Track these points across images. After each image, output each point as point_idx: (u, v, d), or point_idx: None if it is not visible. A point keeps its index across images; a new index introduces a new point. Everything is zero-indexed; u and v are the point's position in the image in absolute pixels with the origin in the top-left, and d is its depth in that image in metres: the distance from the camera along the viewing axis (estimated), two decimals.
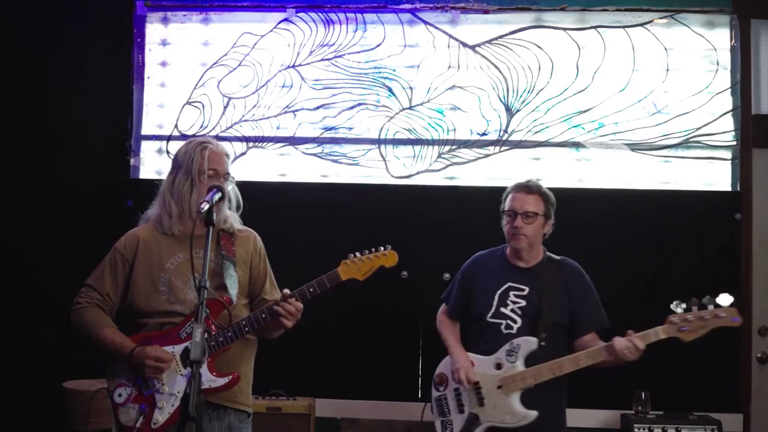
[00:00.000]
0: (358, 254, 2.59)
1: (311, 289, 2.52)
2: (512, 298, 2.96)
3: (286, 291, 2.50)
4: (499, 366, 2.89)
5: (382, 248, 2.62)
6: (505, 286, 2.97)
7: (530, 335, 2.88)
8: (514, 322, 2.92)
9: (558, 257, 3.05)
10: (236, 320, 2.49)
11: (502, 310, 2.95)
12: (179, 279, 2.51)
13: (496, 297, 2.97)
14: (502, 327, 2.93)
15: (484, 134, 4.20)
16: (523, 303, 2.94)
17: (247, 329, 2.47)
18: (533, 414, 2.83)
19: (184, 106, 4.33)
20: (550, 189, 4.10)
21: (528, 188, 3.02)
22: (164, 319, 2.49)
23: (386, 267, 2.62)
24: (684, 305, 2.73)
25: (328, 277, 2.55)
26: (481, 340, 2.99)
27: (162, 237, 2.57)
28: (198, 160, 2.53)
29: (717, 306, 2.69)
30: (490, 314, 2.96)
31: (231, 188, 2.62)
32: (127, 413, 2.40)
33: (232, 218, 2.64)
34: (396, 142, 4.23)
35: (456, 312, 3.17)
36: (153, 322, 2.51)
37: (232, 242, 2.61)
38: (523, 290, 2.96)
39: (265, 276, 2.70)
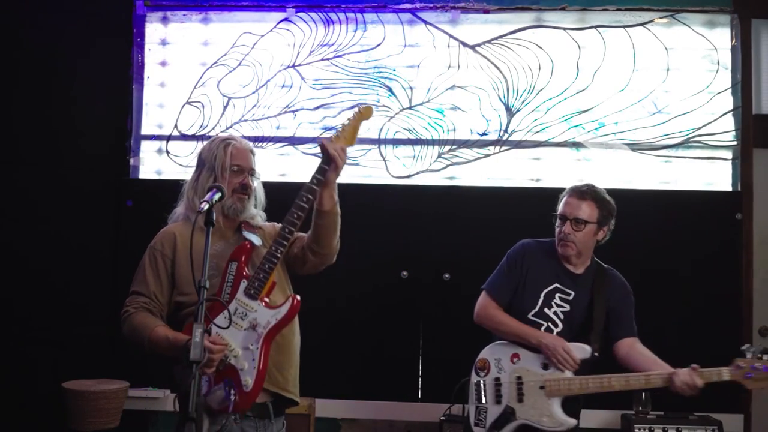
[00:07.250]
0: (337, 129, 2.49)
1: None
2: (557, 300, 2.86)
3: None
4: (545, 366, 2.78)
5: (355, 108, 2.52)
6: (552, 287, 2.86)
7: (575, 341, 2.76)
8: (555, 325, 2.83)
9: (606, 266, 2.96)
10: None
11: (546, 311, 2.85)
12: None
13: (542, 296, 2.86)
14: (543, 329, 2.82)
15: (484, 134, 4.20)
16: (567, 308, 2.85)
17: (287, 230, 2.38)
18: (573, 422, 2.74)
19: (183, 105, 4.33)
20: (550, 189, 4.11)
21: (581, 193, 2.86)
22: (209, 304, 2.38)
23: (368, 120, 2.50)
24: (754, 350, 2.59)
25: (323, 159, 2.40)
26: None
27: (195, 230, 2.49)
28: (221, 157, 2.49)
29: None
30: (533, 312, 2.85)
31: (257, 185, 2.58)
32: (216, 397, 2.30)
33: (258, 216, 2.60)
34: (396, 142, 4.23)
35: (505, 300, 2.92)
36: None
37: (254, 227, 2.56)
38: (569, 295, 2.86)
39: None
